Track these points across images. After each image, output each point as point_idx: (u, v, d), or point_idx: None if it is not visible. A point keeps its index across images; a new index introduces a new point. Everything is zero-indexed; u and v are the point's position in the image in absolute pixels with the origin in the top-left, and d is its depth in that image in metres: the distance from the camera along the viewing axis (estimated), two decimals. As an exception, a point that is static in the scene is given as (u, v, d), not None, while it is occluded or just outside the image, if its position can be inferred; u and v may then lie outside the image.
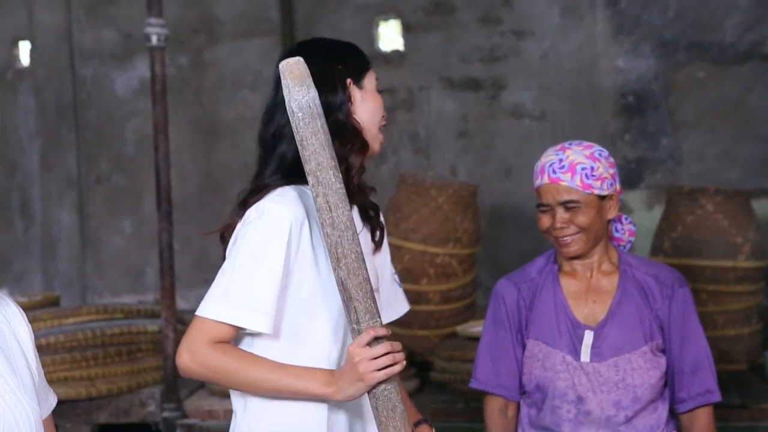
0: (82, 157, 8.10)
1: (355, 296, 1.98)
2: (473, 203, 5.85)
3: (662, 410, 2.63)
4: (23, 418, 1.78)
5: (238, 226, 2.17)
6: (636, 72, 7.37)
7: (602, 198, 2.61)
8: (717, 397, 2.63)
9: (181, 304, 6.99)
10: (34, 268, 8.21)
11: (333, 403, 2.14)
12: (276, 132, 2.25)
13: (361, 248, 2.01)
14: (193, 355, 2.08)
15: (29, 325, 1.94)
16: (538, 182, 2.63)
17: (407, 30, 7.65)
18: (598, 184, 2.59)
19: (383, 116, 2.31)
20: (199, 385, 5.40)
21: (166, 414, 5.05)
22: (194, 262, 7.85)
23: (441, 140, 7.62)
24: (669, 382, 2.65)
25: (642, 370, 2.58)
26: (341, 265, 1.97)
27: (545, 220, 2.63)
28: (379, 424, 2.03)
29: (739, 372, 5.42)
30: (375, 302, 2.01)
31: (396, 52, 7.65)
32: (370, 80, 2.30)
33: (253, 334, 2.16)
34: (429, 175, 6.08)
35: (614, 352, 2.58)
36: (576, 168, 2.57)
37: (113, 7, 8.03)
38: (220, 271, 2.14)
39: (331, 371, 2.06)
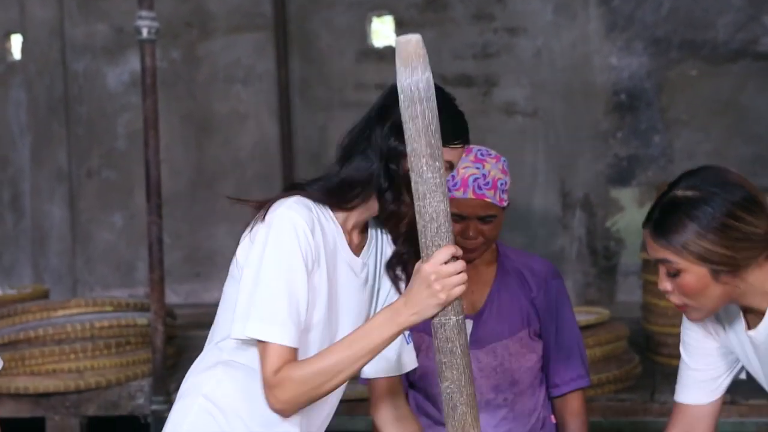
0: (73, 151, 8.09)
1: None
2: (464, 199, 5.85)
3: (540, 393, 2.73)
4: None
5: (260, 223, 2.10)
6: (628, 70, 7.37)
7: (504, 208, 2.70)
8: (586, 382, 2.74)
9: (172, 297, 6.99)
10: (24, 262, 8.20)
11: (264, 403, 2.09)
12: (351, 143, 2.18)
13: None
14: (278, 388, 2.03)
15: None
16: (459, 194, 2.62)
17: (400, 26, 7.65)
18: (506, 197, 2.69)
19: None
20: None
21: (154, 407, 5.04)
22: (185, 256, 7.84)
23: (433, 136, 7.61)
24: (544, 368, 2.75)
25: (519, 354, 2.67)
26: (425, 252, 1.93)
27: (455, 228, 2.58)
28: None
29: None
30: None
31: (389, 48, 7.63)
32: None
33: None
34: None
35: (492, 338, 2.67)
36: (497, 184, 2.65)
37: (105, 1, 8.02)
38: (247, 284, 2.07)
39: (390, 305, 2.00)
